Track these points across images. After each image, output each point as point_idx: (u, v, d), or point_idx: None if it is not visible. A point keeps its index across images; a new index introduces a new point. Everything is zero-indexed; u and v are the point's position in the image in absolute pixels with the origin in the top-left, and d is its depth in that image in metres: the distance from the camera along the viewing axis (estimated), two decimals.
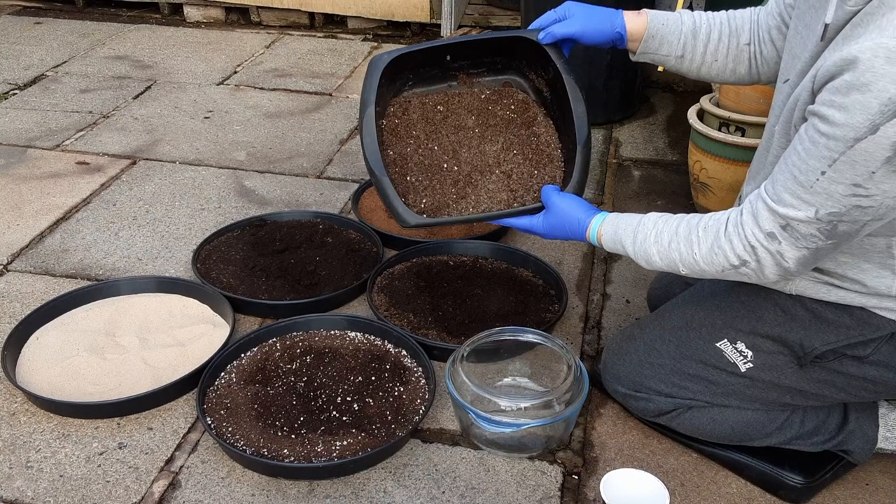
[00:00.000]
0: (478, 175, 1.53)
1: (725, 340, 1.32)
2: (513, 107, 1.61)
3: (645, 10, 1.42)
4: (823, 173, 1.01)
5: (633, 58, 1.47)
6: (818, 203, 1.04)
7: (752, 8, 1.41)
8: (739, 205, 1.37)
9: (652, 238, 1.25)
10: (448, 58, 1.59)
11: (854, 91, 0.96)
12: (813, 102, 1.05)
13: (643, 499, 1.31)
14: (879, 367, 1.22)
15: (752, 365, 1.30)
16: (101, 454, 1.44)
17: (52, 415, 1.52)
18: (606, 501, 1.30)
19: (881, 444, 1.38)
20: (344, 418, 1.47)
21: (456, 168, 1.54)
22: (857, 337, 1.20)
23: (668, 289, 1.60)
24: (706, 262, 1.18)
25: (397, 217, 1.43)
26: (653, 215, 1.28)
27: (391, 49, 1.52)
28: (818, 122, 1.02)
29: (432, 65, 1.60)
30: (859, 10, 1.04)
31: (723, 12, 1.42)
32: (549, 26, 1.50)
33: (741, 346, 1.30)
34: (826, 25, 1.06)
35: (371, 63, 1.48)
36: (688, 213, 1.29)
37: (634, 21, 1.40)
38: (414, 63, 1.57)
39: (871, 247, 1.16)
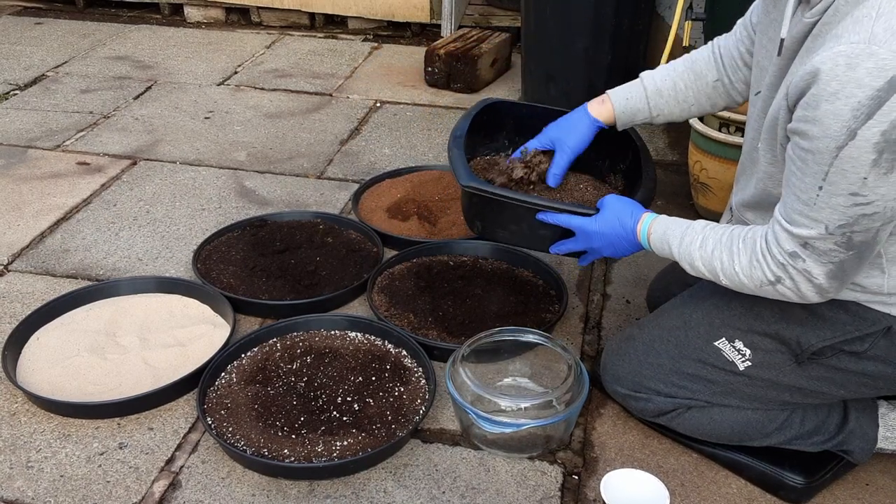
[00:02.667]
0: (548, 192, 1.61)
1: (724, 339, 1.32)
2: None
3: (606, 94, 1.52)
4: (820, 188, 1.03)
5: (619, 129, 1.56)
6: (825, 218, 1.05)
7: (711, 42, 1.47)
8: (731, 217, 1.39)
9: (698, 243, 1.24)
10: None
11: (823, 102, 0.98)
12: (791, 121, 1.07)
13: (643, 499, 1.31)
14: (877, 362, 1.22)
15: (750, 363, 1.30)
16: (101, 454, 1.44)
17: (52, 415, 1.52)
18: (606, 501, 1.30)
19: (881, 444, 1.38)
20: (344, 418, 1.47)
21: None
22: (854, 332, 1.20)
23: (667, 290, 1.60)
24: (745, 276, 1.18)
25: (457, 174, 1.53)
26: (701, 222, 1.28)
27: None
28: (799, 139, 1.04)
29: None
30: (817, 22, 1.06)
31: (683, 57, 1.50)
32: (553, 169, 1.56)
33: (739, 344, 1.30)
34: (782, 41, 1.10)
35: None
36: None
37: (600, 110, 1.52)
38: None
39: None
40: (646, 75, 1.50)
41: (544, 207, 1.44)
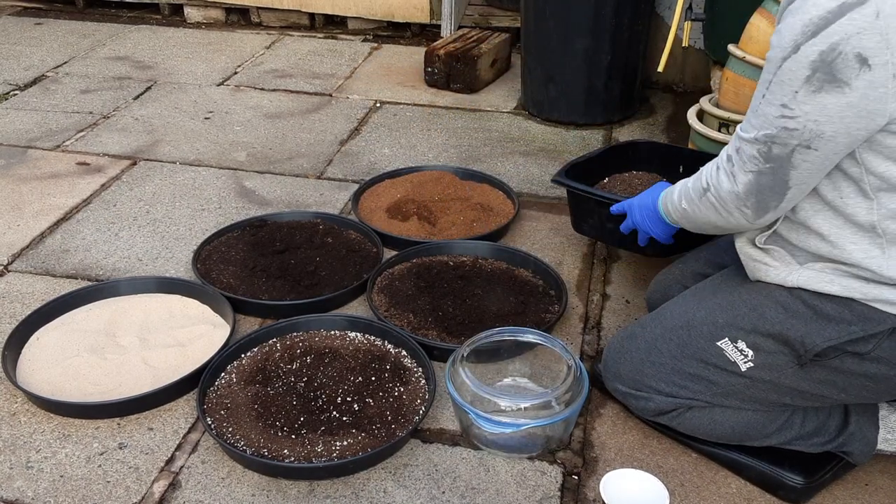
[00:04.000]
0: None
1: (727, 339, 1.31)
2: None
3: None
4: (763, 96, 1.13)
5: None
6: (758, 125, 1.14)
7: None
8: None
9: (679, 184, 1.38)
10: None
11: (787, 16, 1.08)
12: None
13: (643, 499, 1.31)
14: (881, 364, 1.21)
15: (752, 364, 1.30)
16: (101, 454, 1.44)
17: (52, 415, 1.52)
18: (606, 501, 1.30)
19: (881, 446, 1.38)
20: (344, 418, 1.47)
21: None
22: (858, 332, 1.19)
23: (668, 290, 1.60)
24: (693, 189, 1.32)
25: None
26: None
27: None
28: (770, 52, 1.12)
29: None
30: None
31: None
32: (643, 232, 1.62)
33: (742, 345, 1.30)
34: None
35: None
36: None
37: None
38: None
39: (854, 221, 1.16)
40: None
41: (611, 200, 1.68)
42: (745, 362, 1.30)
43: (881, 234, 1.15)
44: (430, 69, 3.07)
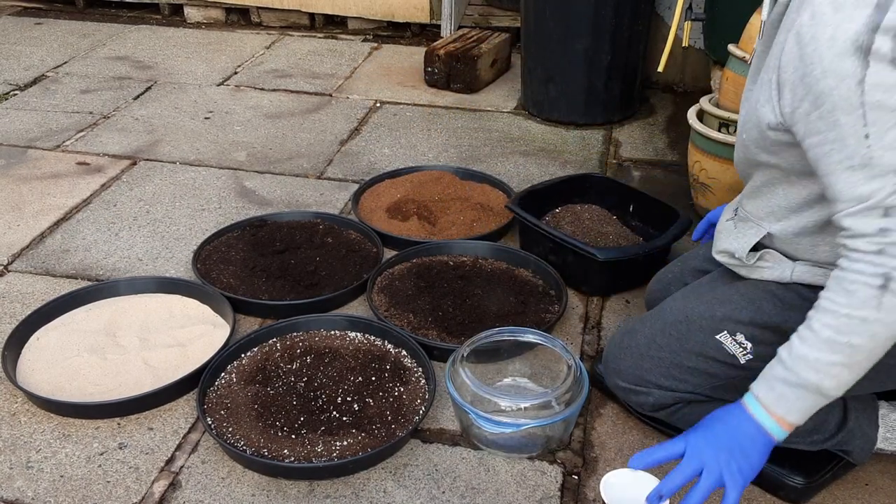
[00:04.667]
0: None
1: (725, 332, 1.31)
2: None
3: None
4: (867, 136, 0.96)
5: None
6: (890, 164, 0.96)
7: None
8: (735, 214, 1.37)
9: (796, 343, 1.07)
10: None
11: (824, 51, 0.97)
12: (780, 111, 1.08)
13: (643, 498, 1.31)
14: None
15: (751, 357, 1.30)
16: (101, 454, 1.44)
17: (52, 415, 1.52)
18: (606, 501, 1.30)
19: (881, 445, 1.38)
20: (344, 418, 1.47)
21: None
22: None
23: (667, 289, 1.60)
24: (856, 307, 1.01)
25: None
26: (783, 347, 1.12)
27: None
28: (816, 114, 1.00)
29: None
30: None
31: None
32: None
33: (741, 337, 1.30)
34: (763, 23, 1.12)
35: None
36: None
37: None
38: None
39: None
40: None
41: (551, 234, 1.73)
42: (744, 355, 1.30)
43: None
44: (430, 69, 3.07)
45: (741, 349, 1.30)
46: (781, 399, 1.09)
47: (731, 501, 1.08)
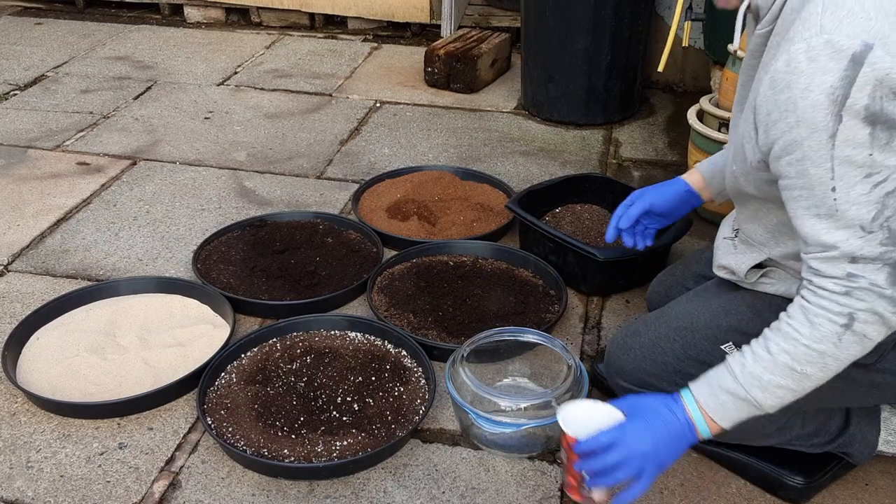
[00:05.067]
0: None
1: (730, 343, 1.31)
2: None
3: (694, 167, 1.56)
4: (834, 189, 0.99)
5: (716, 202, 1.57)
6: (855, 217, 1.00)
7: None
8: (735, 232, 1.37)
9: (749, 360, 1.10)
10: None
11: (798, 101, 0.98)
12: (760, 151, 1.08)
13: (601, 424, 1.26)
14: (885, 374, 1.21)
15: None
16: (101, 454, 1.44)
17: (52, 415, 1.52)
18: (566, 431, 1.26)
19: (882, 448, 1.38)
20: (344, 418, 1.47)
21: None
22: None
23: (668, 291, 1.60)
24: (816, 340, 1.05)
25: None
26: (732, 356, 1.15)
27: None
28: (788, 159, 1.02)
29: None
30: (770, 32, 1.10)
31: None
32: (625, 212, 1.57)
33: None
34: (735, 52, 1.14)
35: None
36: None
37: (691, 177, 1.54)
38: None
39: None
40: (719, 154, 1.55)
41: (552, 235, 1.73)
42: None
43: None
44: (430, 69, 3.07)
45: None
46: (722, 407, 1.12)
47: (638, 492, 1.13)
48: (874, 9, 0.95)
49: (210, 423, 1.45)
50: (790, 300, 1.23)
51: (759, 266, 1.29)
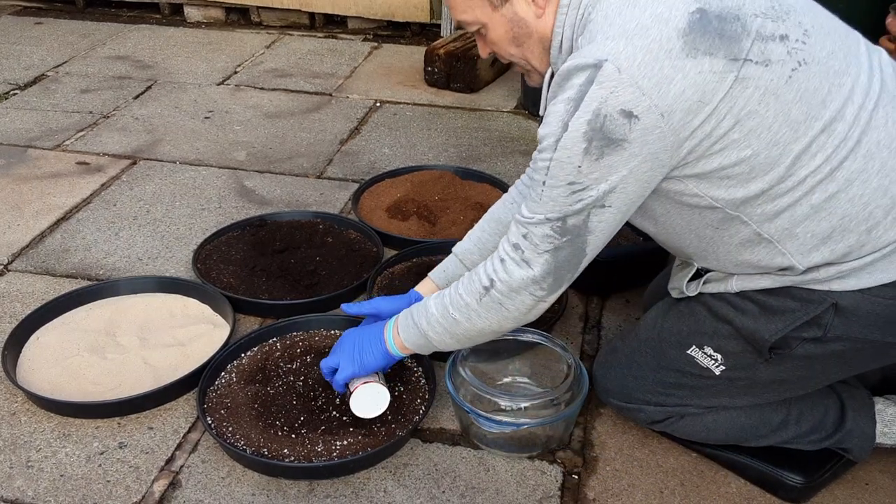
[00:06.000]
0: None
1: (694, 347, 1.32)
2: None
3: (427, 277, 1.59)
4: (544, 182, 1.12)
5: None
6: (546, 208, 1.14)
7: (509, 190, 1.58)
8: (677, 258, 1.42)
9: (433, 297, 1.32)
10: None
11: (550, 107, 1.10)
12: None
13: (374, 403, 1.40)
14: (843, 342, 1.20)
15: (724, 367, 1.29)
16: (101, 454, 1.44)
17: (52, 414, 1.52)
18: (357, 414, 1.41)
19: (880, 440, 1.38)
20: (344, 418, 1.47)
21: None
22: (802, 317, 1.18)
23: (661, 294, 1.60)
24: (466, 291, 1.25)
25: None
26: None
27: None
28: (538, 149, 1.14)
29: None
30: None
31: (482, 220, 1.58)
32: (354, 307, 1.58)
33: (709, 350, 1.30)
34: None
35: None
36: None
37: (424, 288, 1.57)
38: None
39: (740, 240, 1.18)
40: (456, 246, 1.59)
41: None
42: (716, 366, 1.30)
43: (768, 238, 1.16)
44: (430, 69, 3.07)
45: (712, 361, 1.30)
46: (406, 330, 1.34)
47: (340, 378, 1.40)
48: (614, 31, 1.05)
49: (210, 422, 1.45)
50: (736, 294, 1.25)
51: (696, 276, 1.31)
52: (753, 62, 1.04)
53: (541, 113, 1.23)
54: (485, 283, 1.22)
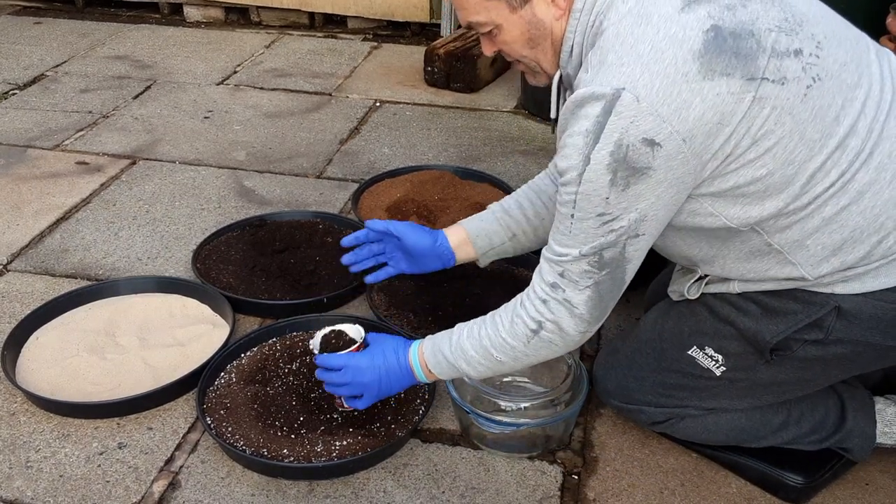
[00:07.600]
0: None
1: (695, 347, 1.32)
2: None
3: (459, 222, 1.59)
4: (572, 216, 1.11)
5: (480, 264, 1.62)
6: (579, 241, 1.13)
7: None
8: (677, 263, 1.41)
9: (465, 333, 1.29)
10: None
11: (567, 139, 1.08)
12: None
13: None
14: (843, 345, 1.20)
15: (725, 368, 1.29)
16: (100, 454, 1.44)
17: (51, 415, 1.52)
18: (311, 345, 1.42)
19: (880, 440, 1.38)
20: (343, 418, 1.47)
21: None
22: (804, 319, 1.19)
23: (663, 292, 1.60)
24: (511, 335, 1.23)
25: None
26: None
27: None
28: (559, 183, 1.13)
29: None
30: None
31: (524, 185, 1.61)
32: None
33: (710, 350, 1.30)
34: (555, 119, 1.21)
35: None
36: None
37: (453, 232, 1.57)
38: None
39: (750, 249, 1.18)
40: (493, 203, 1.60)
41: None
42: (717, 367, 1.30)
43: (779, 250, 1.16)
44: (429, 68, 3.07)
45: (713, 362, 1.30)
46: (438, 365, 1.32)
47: (361, 406, 1.39)
48: (628, 55, 1.03)
49: (209, 422, 1.45)
50: (738, 295, 1.24)
51: (698, 279, 1.31)
52: (770, 81, 1.03)
53: (552, 115, 1.23)
54: (532, 326, 1.20)
